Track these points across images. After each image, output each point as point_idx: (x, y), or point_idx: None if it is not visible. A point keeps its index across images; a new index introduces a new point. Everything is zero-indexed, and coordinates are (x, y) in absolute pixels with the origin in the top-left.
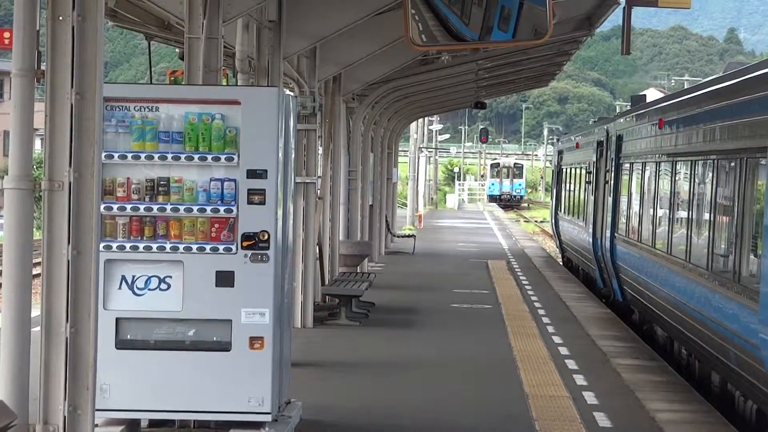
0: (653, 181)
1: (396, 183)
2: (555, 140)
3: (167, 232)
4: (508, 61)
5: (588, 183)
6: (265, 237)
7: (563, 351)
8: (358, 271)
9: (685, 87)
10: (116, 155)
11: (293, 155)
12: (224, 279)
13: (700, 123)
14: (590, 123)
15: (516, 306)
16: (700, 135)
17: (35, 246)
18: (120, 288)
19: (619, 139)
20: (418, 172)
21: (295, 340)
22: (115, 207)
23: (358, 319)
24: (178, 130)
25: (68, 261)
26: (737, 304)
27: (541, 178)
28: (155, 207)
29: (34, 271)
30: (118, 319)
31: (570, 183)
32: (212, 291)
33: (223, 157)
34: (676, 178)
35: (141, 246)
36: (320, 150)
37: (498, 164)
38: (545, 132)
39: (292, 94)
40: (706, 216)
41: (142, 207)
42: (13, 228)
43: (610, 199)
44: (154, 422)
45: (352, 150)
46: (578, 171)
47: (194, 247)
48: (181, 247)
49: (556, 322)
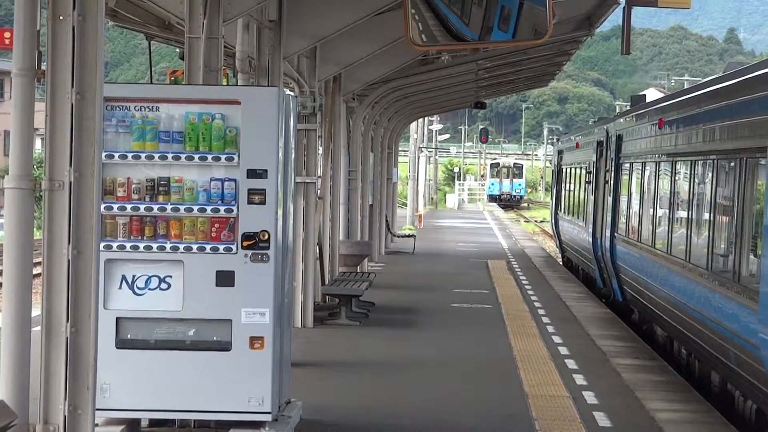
0: (653, 181)
1: (396, 183)
2: (555, 140)
3: (167, 232)
4: (508, 61)
5: (588, 183)
6: (266, 237)
7: (563, 351)
8: (358, 270)
9: (685, 87)
10: (116, 155)
11: (293, 155)
12: (224, 279)
13: (699, 123)
14: (590, 123)
15: (516, 306)
16: (699, 135)
17: (36, 245)
18: (120, 288)
19: (619, 139)
20: (418, 172)
21: (295, 340)
22: (115, 207)
23: (358, 318)
24: (179, 129)
25: (68, 261)
26: (737, 304)
27: (541, 178)
28: (155, 207)
29: (35, 271)
30: (118, 319)
31: (570, 183)
32: (212, 291)
33: (223, 157)
34: (676, 178)
35: (141, 246)
36: (320, 150)
37: (498, 164)
38: (545, 132)
39: (292, 93)
40: (706, 216)
41: (142, 207)
42: (14, 227)
43: (609, 199)
44: (154, 422)
45: (352, 150)
46: (578, 171)
47: (194, 246)
48: (181, 246)
49: (556, 321)
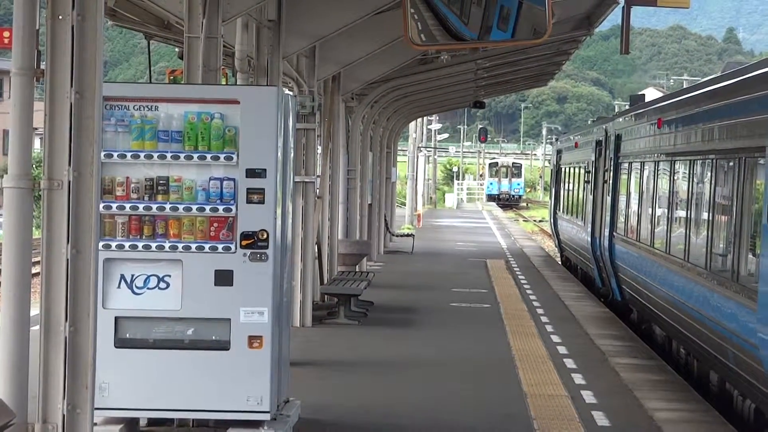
0: (652, 181)
1: (395, 182)
2: (554, 140)
3: (166, 231)
4: (507, 61)
5: (587, 182)
6: (264, 236)
7: (562, 350)
8: (356, 270)
9: (684, 86)
10: (115, 154)
11: (292, 154)
12: (223, 278)
13: (698, 123)
14: (589, 122)
15: (515, 305)
16: (698, 134)
17: (34, 245)
18: (119, 287)
19: (618, 138)
20: (417, 172)
21: (294, 339)
22: (114, 206)
23: (356, 318)
24: (178, 129)
25: (67, 260)
26: (736, 304)
27: (540, 177)
28: (154, 206)
29: (34, 270)
30: (117, 318)
31: (569, 182)
32: (211, 290)
33: (222, 157)
34: (675, 178)
35: (140, 245)
36: (319, 149)
37: (496, 164)
38: (544, 131)
39: (291, 93)
40: (705, 215)
41: (141, 206)
42: (13, 227)
43: (608, 199)
44: (152, 421)
45: (351, 149)
46: (577, 170)
47: (193, 246)
48: (180, 246)
49: (554, 321)
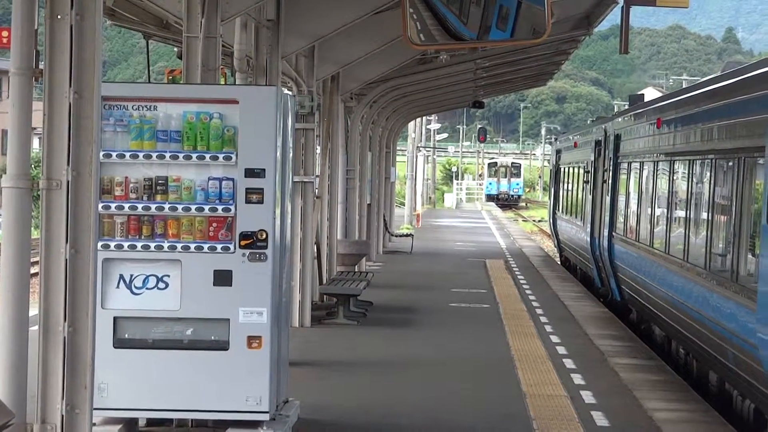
0: (651, 181)
1: (394, 182)
2: (553, 139)
3: (165, 231)
4: (507, 61)
5: (586, 182)
6: (263, 236)
7: (561, 350)
8: (356, 270)
9: (683, 86)
10: (114, 154)
11: (291, 154)
12: (222, 278)
13: (698, 122)
14: (588, 122)
15: (514, 305)
16: (698, 134)
17: (33, 245)
18: (118, 287)
19: (617, 138)
20: (416, 172)
21: (293, 340)
22: (113, 206)
23: (356, 318)
24: (176, 129)
25: (66, 260)
26: (735, 304)
27: (539, 177)
28: (153, 206)
29: (32, 270)
30: (116, 318)
31: (568, 182)
32: (210, 290)
33: (221, 156)
34: (674, 178)
35: (139, 245)
36: (318, 149)
37: (495, 163)
38: (543, 131)
39: (290, 93)
40: (704, 215)
41: (140, 206)
42: (12, 227)
43: (608, 199)
44: (151, 421)
45: (350, 149)
46: (576, 170)
47: (192, 246)
48: (179, 246)
49: (554, 321)
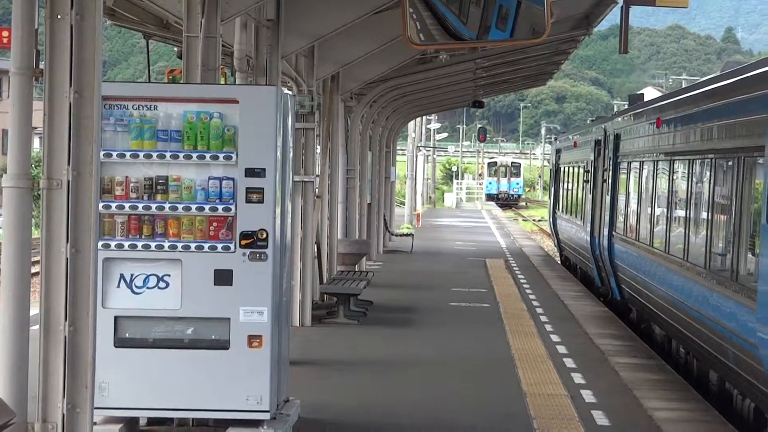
0: (651, 180)
1: (394, 182)
2: (553, 139)
3: (166, 231)
4: (506, 60)
5: (586, 182)
6: (264, 235)
7: (561, 349)
8: (356, 269)
9: (683, 86)
10: (115, 154)
11: (291, 154)
12: (223, 277)
13: (697, 122)
14: (588, 122)
15: (514, 304)
16: (697, 134)
17: (34, 244)
18: (118, 286)
19: (617, 138)
20: (416, 171)
21: (294, 339)
22: (113, 205)
23: (356, 317)
24: (177, 128)
25: (67, 259)
26: (735, 303)
27: (539, 177)
28: (154, 205)
29: (33, 270)
30: (116, 318)
31: (568, 182)
32: (211, 289)
33: (221, 156)
34: (674, 177)
35: (139, 244)
36: (318, 149)
37: (495, 163)
38: (543, 131)
39: (290, 92)
40: (704, 215)
41: (140, 205)
42: (12, 226)
43: (608, 198)
44: (152, 420)
45: (350, 149)
46: (576, 170)
47: (192, 245)
48: (179, 245)
49: (554, 320)
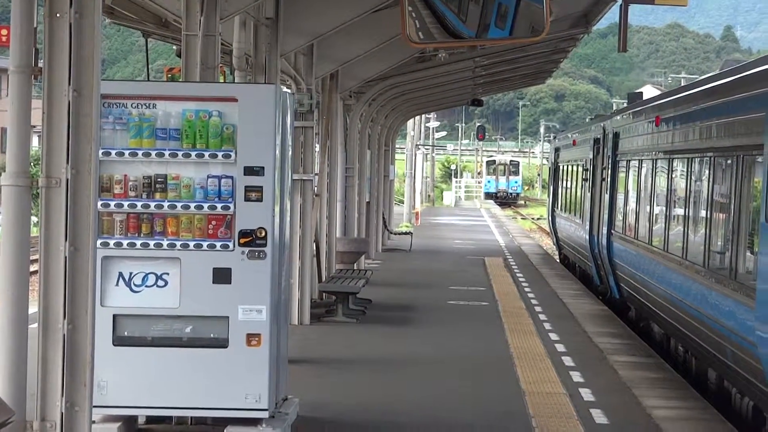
0: (650, 179)
1: (393, 180)
2: (552, 137)
3: (164, 229)
4: (505, 59)
5: (585, 180)
6: (263, 234)
7: (560, 348)
8: (355, 268)
9: (682, 84)
10: (113, 152)
11: (290, 152)
12: (221, 276)
13: (696, 120)
14: (587, 120)
15: (513, 303)
16: (696, 132)
17: (32, 243)
18: (117, 285)
19: (616, 136)
20: (415, 170)
21: (292, 337)
22: (112, 204)
23: (355, 316)
24: (176, 127)
25: (65, 258)
26: (734, 301)
27: (538, 175)
28: (152, 204)
29: (32, 268)
30: (115, 316)
31: (567, 180)
32: (209, 288)
33: (220, 154)
34: (673, 176)
35: (138, 243)
36: (317, 147)
37: (494, 161)
38: (542, 129)
39: (289, 91)
40: (703, 213)
41: (139, 204)
42: (11, 225)
43: (606, 197)
44: (151, 419)
45: (349, 147)
46: (575, 168)
47: (191, 244)
48: (178, 244)
49: (552, 319)
